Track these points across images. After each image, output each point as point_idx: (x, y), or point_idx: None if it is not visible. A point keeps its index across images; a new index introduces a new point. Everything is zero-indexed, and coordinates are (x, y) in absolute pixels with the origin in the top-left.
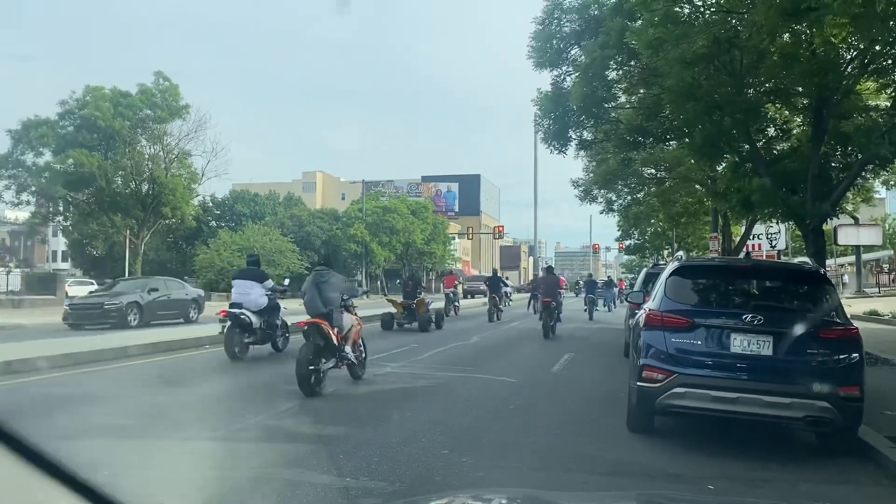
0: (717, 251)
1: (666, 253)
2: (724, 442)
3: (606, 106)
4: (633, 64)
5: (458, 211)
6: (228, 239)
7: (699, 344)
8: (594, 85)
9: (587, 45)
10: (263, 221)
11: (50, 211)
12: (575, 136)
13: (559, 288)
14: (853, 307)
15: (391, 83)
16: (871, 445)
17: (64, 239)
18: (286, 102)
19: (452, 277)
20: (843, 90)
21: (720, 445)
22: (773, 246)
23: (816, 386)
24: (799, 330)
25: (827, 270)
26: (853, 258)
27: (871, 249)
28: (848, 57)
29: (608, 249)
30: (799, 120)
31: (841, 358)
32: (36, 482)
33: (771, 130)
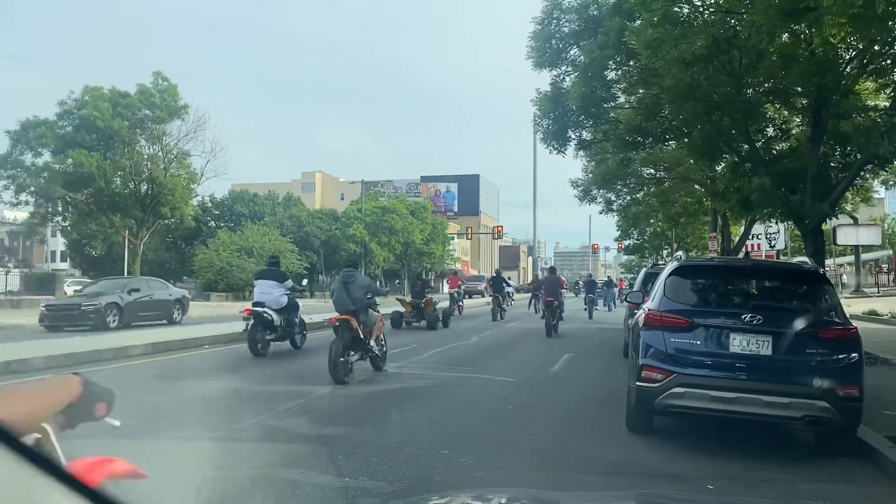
0: (716, 251)
1: (665, 253)
2: (723, 442)
3: (605, 106)
4: (632, 64)
5: (457, 211)
6: (227, 239)
7: (698, 344)
8: (593, 85)
9: (586, 45)
10: (262, 221)
11: (49, 211)
12: (574, 136)
13: (561, 288)
14: (852, 307)
15: (390, 83)
16: (870, 445)
17: (63, 239)
18: (285, 103)
19: (456, 278)
20: (842, 90)
21: (719, 445)
22: (772, 246)
23: (816, 386)
24: (798, 330)
25: (826, 270)
26: (852, 258)
27: (870, 249)
28: (847, 57)
29: (607, 249)
30: (798, 120)
31: (840, 358)
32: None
33: (770, 130)
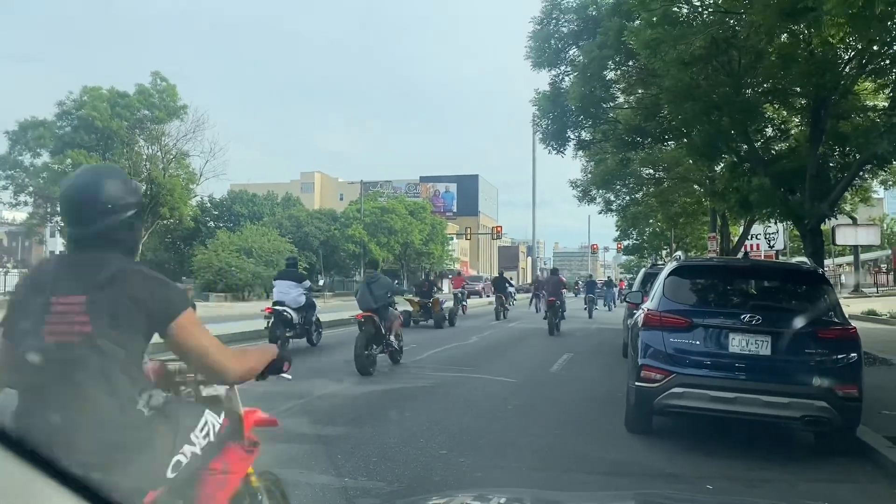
0: (715, 251)
1: (664, 253)
2: (722, 442)
3: (605, 106)
4: (631, 64)
5: (456, 211)
6: (227, 239)
7: (697, 344)
8: (592, 85)
9: (585, 45)
10: (262, 222)
11: (48, 211)
12: (573, 136)
13: (562, 288)
14: (851, 307)
15: (390, 83)
16: (869, 445)
17: (61, 239)
18: (285, 103)
19: (460, 279)
20: (840, 90)
21: (719, 445)
22: (771, 246)
23: (815, 385)
24: (797, 330)
25: (825, 270)
26: (851, 258)
27: (869, 249)
28: (846, 57)
29: (606, 250)
30: (797, 120)
31: (839, 357)
32: (34, 482)
33: (769, 130)
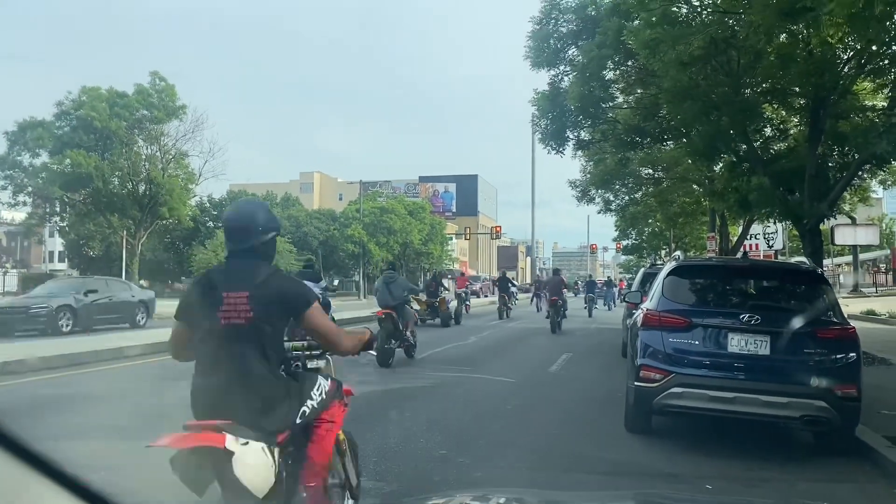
0: (714, 251)
1: (663, 253)
2: (721, 442)
3: (604, 106)
4: (630, 64)
5: (455, 211)
6: None
7: (696, 344)
8: (591, 85)
9: (584, 44)
10: None
11: (47, 211)
12: (572, 136)
13: (563, 287)
14: (850, 307)
15: (389, 83)
16: (868, 445)
17: (61, 239)
18: (284, 103)
19: (464, 279)
20: (839, 90)
21: (718, 445)
22: (770, 246)
23: (814, 385)
24: (796, 329)
25: (824, 270)
26: (850, 258)
27: (868, 249)
28: (845, 57)
29: (605, 249)
30: (796, 120)
31: (838, 357)
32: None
33: (768, 130)
